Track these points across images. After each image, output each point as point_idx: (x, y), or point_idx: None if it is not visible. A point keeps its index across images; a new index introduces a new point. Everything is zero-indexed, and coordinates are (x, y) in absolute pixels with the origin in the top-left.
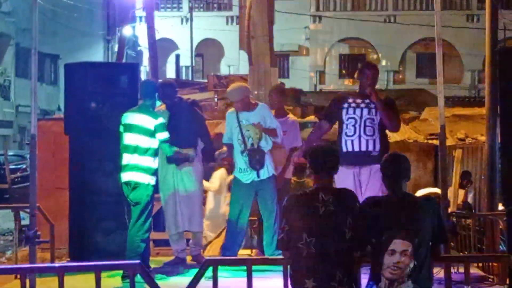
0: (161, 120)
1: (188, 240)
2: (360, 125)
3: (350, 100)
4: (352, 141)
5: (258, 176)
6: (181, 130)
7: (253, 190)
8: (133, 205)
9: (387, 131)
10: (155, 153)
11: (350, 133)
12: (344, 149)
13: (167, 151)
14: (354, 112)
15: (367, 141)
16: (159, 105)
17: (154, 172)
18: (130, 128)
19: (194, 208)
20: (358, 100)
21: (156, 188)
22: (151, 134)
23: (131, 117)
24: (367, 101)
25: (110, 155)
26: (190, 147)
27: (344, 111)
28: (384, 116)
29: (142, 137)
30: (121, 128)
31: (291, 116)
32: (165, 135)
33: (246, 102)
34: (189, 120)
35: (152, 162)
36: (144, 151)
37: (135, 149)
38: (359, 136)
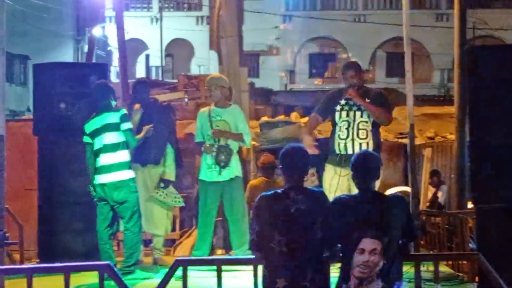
0: (123, 111)
1: (150, 242)
2: (353, 128)
3: (343, 102)
4: (345, 144)
5: (220, 174)
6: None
7: (219, 191)
8: (119, 205)
9: (380, 129)
10: (127, 146)
11: (343, 136)
12: (337, 151)
13: (131, 140)
14: (347, 115)
15: (360, 144)
16: (135, 105)
17: (130, 165)
18: (97, 132)
19: (155, 210)
20: (351, 102)
21: None
22: (119, 127)
23: (94, 123)
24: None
25: (79, 156)
26: (158, 149)
27: (337, 114)
28: (371, 115)
29: (113, 134)
30: (87, 139)
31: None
32: (129, 125)
33: (224, 93)
34: (161, 123)
35: (128, 156)
36: (118, 147)
37: (109, 148)
38: (352, 140)
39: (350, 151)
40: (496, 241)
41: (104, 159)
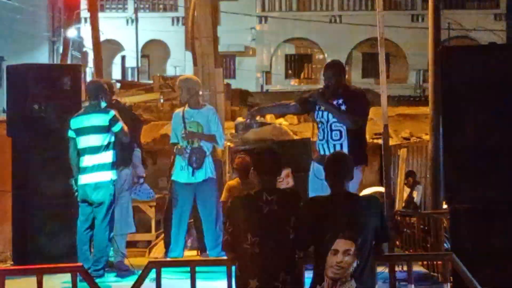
0: (113, 112)
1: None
2: (327, 129)
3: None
4: (322, 145)
5: (193, 175)
6: None
7: (192, 192)
8: (96, 206)
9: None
10: (113, 147)
11: (320, 137)
12: (321, 152)
13: (125, 138)
14: (322, 116)
15: (334, 145)
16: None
17: (113, 166)
18: (83, 131)
19: (121, 212)
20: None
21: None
22: (107, 129)
23: (81, 120)
24: (336, 101)
25: (53, 157)
26: (127, 151)
27: (315, 114)
28: (337, 119)
29: (98, 136)
30: (71, 134)
31: None
32: (120, 125)
33: (193, 94)
34: (129, 124)
35: (111, 157)
36: (103, 149)
37: (94, 150)
38: (327, 141)
39: (327, 152)
40: (470, 241)
41: (87, 160)
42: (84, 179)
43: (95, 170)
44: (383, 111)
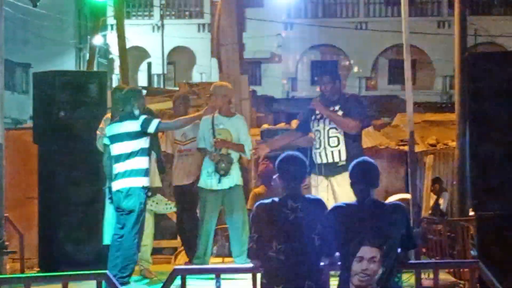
0: (143, 117)
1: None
2: (324, 137)
3: (317, 112)
4: (319, 153)
5: (219, 182)
6: None
7: (219, 199)
8: (126, 213)
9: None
10: (148, 153)
11: (317, 145)
12: (317, 161)
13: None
14: (318, 125)
15: (332, 152)
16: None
17: (147, 173)
18: (116, 138)
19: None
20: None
21: None
22: (140, 135)
23: (115, 128)
24: (332, 108)
25: (79, 164)
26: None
27: (312, 124)
28: (338, 125)
29: (130, 142)
30: (106, 140)
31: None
32: (154, 124)
33: (226, 101)
34: None
35: (144, 163)
36: (135, 154)
37: (126, 156)
38: (324, 148)
39: (324, 160)
40: (497, 248)
41: (120, 167)
42: (115, 185)
43: (127, 176)
44: (408, 118)
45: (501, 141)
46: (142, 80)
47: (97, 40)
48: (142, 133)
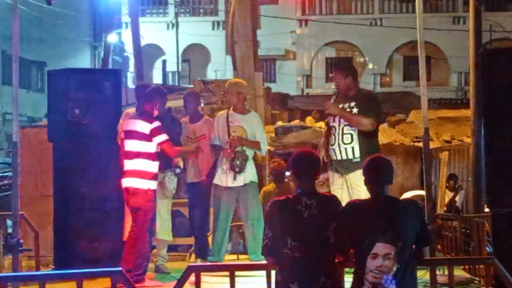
0: (156, 123)
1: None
2: (338, 134)
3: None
4: (334, 150)
5: (235, 179)
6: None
7: (234, 196)
8: (134, 211)
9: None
10: (154, 157)
11: (332, 142)
12: (333, 157)
13: (170, 152)
14: (334, 121)
15: (345, 149)
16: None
17: (154, 177)
18: (129, 134)
19: (162, 216)
20: (339, 106)
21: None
22: (148, 138)
23: (131, 124)
24: (348, 104)
25: (93, 162)
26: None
27: (328, 120)
28: (349, 123)
29: (139, 143)
30: (123, 135)
31: (205, 117)
32: (162, 137)
33: (241, 98)
34: (176, 131)
35: (150, 167)
36: (141, 156)
37: (134, 155)
38: (339, 145)
39: (338, 157)
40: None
41: (129, 164)
42: (123, 182)
43: (133, 176)
44: (423, 114)
45: None
46: (157, 77)
47: (112, 38)
48: (150, 138)
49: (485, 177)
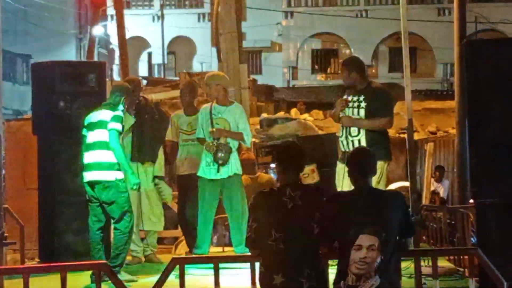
0: (118, 112)
1: (142, 240)
2: (346, 126)
3: (344, 96)
4: (342, 141)
5: (219, 171)
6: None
7: (218, 189)
8: (108, 204)
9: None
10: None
11: (339, 134)
12: (342, 149)
13: (112, 142)
14: (344, 112)
15: (352, 141)
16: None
17: (119, 167)
18: (92, 126)
19: (154, 207)
20: (349, 98)
21: None
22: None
23: (92, 116)
24: (357, 98)
25: (78, 155)
26: (156, 148)
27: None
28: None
29: (103, 131)
30: (84, 131)
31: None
32: (116, 125)
33: (220, 90)
34: (157, 121)
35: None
36: (106, 146)
37: (97, 145)
38: (346, 137)
39: (346, 149)
40: (496, 236)
41: (93, 156)
42: (88, 176)
43: (98, 168)
44: (407, 105)
45: (500, 128)
46: (142, 70)
47: (97, 30)
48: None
49: (470, 168)
